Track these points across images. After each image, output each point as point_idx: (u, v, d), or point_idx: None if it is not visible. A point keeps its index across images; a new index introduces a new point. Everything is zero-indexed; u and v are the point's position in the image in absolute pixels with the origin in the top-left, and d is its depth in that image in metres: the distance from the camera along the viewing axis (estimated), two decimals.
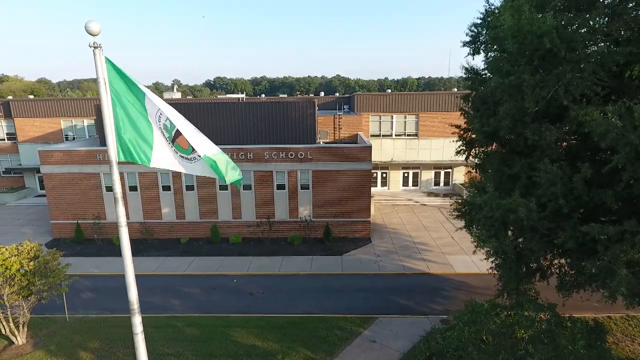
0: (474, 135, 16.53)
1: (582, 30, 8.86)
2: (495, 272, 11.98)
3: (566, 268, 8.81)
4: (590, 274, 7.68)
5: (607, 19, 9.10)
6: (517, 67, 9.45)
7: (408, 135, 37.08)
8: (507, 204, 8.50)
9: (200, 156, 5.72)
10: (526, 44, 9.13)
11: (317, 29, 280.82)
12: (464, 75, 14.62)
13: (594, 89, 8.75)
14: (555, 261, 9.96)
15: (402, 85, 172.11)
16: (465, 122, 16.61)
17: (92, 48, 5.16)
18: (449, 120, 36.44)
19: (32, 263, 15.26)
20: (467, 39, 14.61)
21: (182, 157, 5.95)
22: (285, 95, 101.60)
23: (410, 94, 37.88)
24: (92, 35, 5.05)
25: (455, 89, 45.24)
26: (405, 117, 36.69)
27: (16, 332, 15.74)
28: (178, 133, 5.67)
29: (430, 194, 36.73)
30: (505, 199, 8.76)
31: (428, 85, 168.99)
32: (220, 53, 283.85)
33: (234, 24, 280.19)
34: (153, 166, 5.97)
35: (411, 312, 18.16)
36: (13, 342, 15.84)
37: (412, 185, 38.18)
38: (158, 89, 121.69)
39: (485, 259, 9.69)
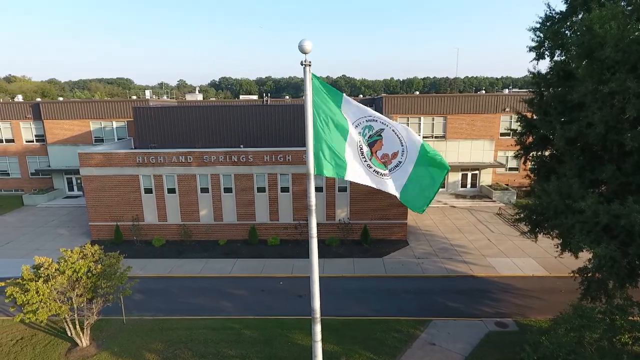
0: (530, 139, 16.70)
1: None
2: (577, 275, 12.11)
3: None
4: None
5: None
6: (618, 74, 9.55)
7: (435, 137, 37.16)
8: (617, 209, 8.63)
9: (389, 175, 5.80)
10: (629, 51, 9.25)
11: (320, 29, 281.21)
12: (531, 80, 14.74)
13: None
14: None
15: (408, 85, 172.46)
16: (520, 126, 16.76)
17: (303, 65, 5.29)
18: (477, 122, 36.72)
19: (99, 266, 15.43)
20: (533, 44, 14.81)
21: (376, 172, 6.06)
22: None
23: (438, 95, 37.94)
24: (305, 53, 5.18)
25: (484, 91, 45.28)
26: (433, 119, 36.79)
27: (81, 334, 15.90)
28: (379, 145, 5.75)
29: (458, 195, 36.80)
30: (612, 204, 8.88)
31: (434, 85, 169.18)
32: (225, 53, 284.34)
33: (236, 24, 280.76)
34: (348, 179, 6.05)
35: (463, 315, 18.25)
36: (77, 344, 15.98)
37: None
38: (164, 89, 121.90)
39: (590, 264, 9.83)
